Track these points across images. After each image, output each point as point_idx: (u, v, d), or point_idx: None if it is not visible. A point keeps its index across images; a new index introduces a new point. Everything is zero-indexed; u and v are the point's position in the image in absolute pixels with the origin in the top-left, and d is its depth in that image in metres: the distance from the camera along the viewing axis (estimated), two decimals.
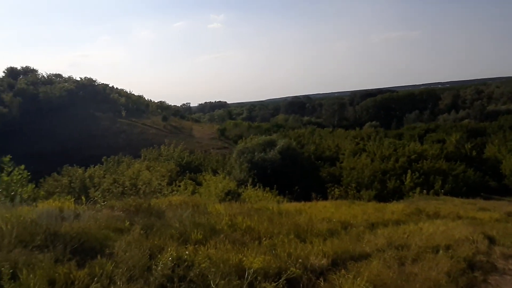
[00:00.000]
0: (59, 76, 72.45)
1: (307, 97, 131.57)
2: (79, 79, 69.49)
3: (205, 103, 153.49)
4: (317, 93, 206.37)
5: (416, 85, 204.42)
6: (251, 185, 15.19)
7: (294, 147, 26.80)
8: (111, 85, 73.54)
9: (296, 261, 4.46)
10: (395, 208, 10.03)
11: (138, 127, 55.40)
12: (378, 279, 4.27)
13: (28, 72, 70.65)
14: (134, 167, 19.23)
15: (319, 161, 27.67)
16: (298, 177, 22.29)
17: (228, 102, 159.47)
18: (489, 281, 4.92)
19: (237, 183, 16.59)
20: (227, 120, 77.25)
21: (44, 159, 35.23)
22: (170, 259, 4.01)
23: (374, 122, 78.47)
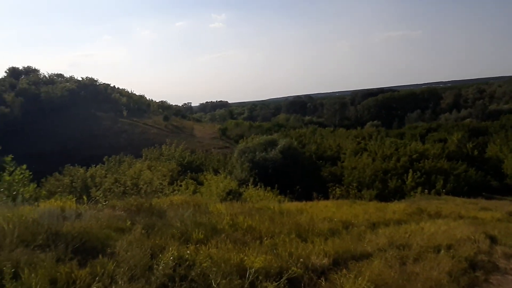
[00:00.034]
0: (60, 76, 72.64)
1: (309, 97, 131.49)
2: (81, 79, 69.56)
3: (206, 102, 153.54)
4: (319, 93, 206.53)
5: (417, 85, 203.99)
6: (252, 185, 15.17)
7: (295, 147, 26.80)
8: (112, 85, 73.76)
9: (297, 260, 4.47)
10: (397, 207, 10.02)
11: (139, 127, 55.47)
12: (379, 279, 4.27)
13: (29, 72, 70.74)
14: (135, 166, 19.30)
15: (320, 161, 27.66)
16: (299, 176, 22.29)
17: (229, 101, 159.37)
18: (491, 280, 4.91)
19: (238, 182, 16.60)
20: (228, 119, 77.07)
21: (45, 158, 35.31)
22: (171, 258, 4.02)
23: (375, 121, 78.22)
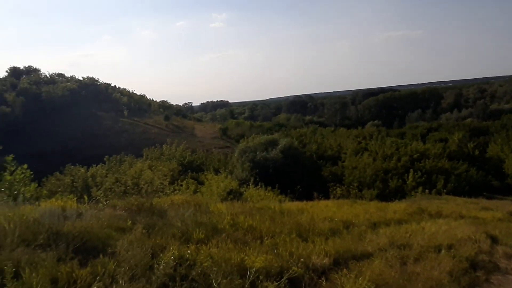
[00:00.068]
0: (61, 75, 72.81)
1: (309, 96, 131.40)
2: (82, 79, 69.73)
3: (207, 102, 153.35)
4: (319, 92, 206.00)
5: (418, 84, 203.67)
6: (253, 184, 15.17)
7: (296, 147, 26.80)
8: (113, 85, 73.84)
9: (298, 260, 4.47)
10: (397, 207, 10.02)
11: (140, 127, 55.51)
12: (380, 279, 4.27)
13: (30, 71, 70.86)
14: (136, 166, 19.31)
15: (321, 160, 27.66)
16: (300, 176, 22.29)
17: (230, 101, 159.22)
18: (492, 280, 4.90)
19: (239, 182, 16.61)
20: (229, 119, 77.04)
21: (46, 158, 35.35)
22: (172, 258, 4.01)
23: (376, 121, 78.19)
